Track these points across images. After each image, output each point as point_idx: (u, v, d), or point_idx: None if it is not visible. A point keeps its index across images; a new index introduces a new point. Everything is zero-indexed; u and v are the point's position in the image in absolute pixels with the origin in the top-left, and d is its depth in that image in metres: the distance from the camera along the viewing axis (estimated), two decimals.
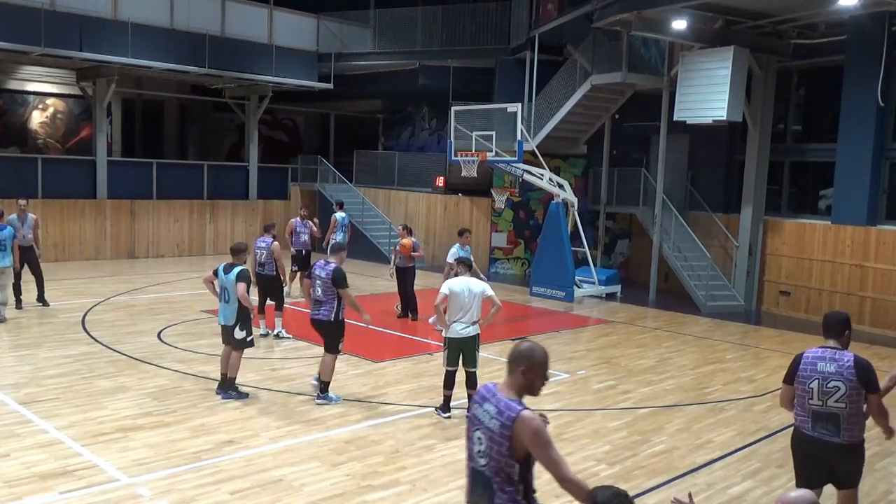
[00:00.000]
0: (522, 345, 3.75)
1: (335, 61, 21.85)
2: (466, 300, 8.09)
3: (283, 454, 7.00)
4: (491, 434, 3.60)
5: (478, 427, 3.70)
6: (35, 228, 13.05)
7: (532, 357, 3.67)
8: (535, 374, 3.68)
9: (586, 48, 17.98)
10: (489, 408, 3.66)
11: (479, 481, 3.70)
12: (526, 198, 20.03)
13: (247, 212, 22.75)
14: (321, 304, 8.53)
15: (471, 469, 3.77)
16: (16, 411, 7.83)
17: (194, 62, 19.29)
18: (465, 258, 8.83)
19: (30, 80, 22.47)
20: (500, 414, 3.59)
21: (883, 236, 14.31)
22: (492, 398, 3.69)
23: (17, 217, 12.77)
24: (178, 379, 9.24)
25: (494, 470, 3.61)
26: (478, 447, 3.69)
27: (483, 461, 3.66)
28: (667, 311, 15.76)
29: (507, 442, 3.55)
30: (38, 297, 13.28)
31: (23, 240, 12.69)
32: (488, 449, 3.62)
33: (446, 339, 8.21)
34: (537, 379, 3.70)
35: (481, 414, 3.69)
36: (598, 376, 10.34)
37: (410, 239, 13.36)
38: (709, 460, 7.36)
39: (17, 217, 12.78)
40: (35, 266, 13.05)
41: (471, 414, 3.81)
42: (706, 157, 18.16)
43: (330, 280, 8.42)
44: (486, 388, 3.80)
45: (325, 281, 8.47)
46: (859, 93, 14.29)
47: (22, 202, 13.02)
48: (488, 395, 3.73)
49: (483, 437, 3.66)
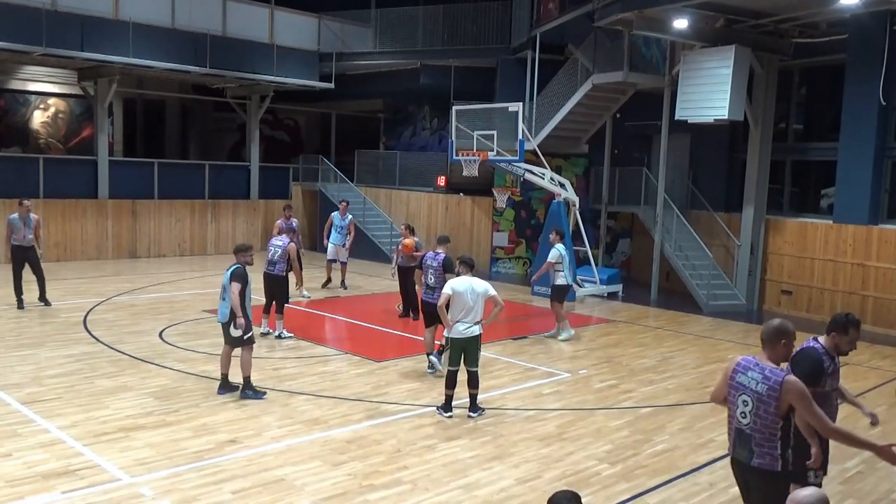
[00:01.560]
0: (775, 321, 4.57)
1: (336, 61, 21.85)
2: (470, 300, 8.11)
3: (285, 454, 7.01)
4: (759, 396, 4.39)
5: (743, 392, 4.48)
6: (37, 229, 13.07)
7: (789, 331, 4.53)
8: (791, 345, 4.59)
9: (587, 47, 17.97)
10: (754, 375, 4.45)
11: (741, 437, 4.52)
12: (527, 197, 20.03)
13: (248, 211, 22.76)
14: (434, 289, 9.80)
15: (735, 429, 4.57)
16: (18, 411, 7.84)
17: (195, 62, 19.29)
18: (468, 258, 8.82)
19: (31, 80, 22.49)
20: (767, 379, 4.39)
21: (885, 235, 14.29)
22: (755, 367, 4.48)
23: (19, 217, 12.85)
24: (179, 378, 9.25)
25: (758, 428, 4.42)
26: (742, 409, 4.49)
27: (745, 421, 4.47)
28: (668, 310, 15.76)
29: (774, 402, 4.35)
30: (40, 296, 13.30)
31: (23, 240, 12.78)
32: (755, 409, 4.42)
33: (448, 338, 8.20)
34: (791, 348, 4.63)
35: (746, 381, 4.48)
36: (599, 375, 10.34)
37: (413, 238, 13.37)
38: (711, 459, 7.35)
39: (20, 217, 12.85)
40: (36, 265, 13.06)
41: (736, 382, 4.54)
42: (708, 157, 18.15)
43: (441, 267, 9.89)
44: (746, 359, 4.58)
45: (436, 269, 9.93)
46: (861, 92, 14.28)
47: (26, 202, 13.06)
48: (750, 365, 4.51)
49: (749, 399, 4.44)
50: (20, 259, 12.88)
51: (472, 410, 8.24)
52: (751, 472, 4.51)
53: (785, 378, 4.36)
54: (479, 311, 8.19)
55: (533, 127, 18.38)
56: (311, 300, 14.96)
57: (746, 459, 4.50)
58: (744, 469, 4.59)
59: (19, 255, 12.86)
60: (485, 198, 20.23)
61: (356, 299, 15.55)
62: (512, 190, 19.29)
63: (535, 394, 9.35)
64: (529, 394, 9.33)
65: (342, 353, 10.91)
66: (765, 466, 4.45)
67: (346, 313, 14.00)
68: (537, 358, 11.11)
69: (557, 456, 7.23)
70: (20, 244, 12.80)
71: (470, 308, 8.11)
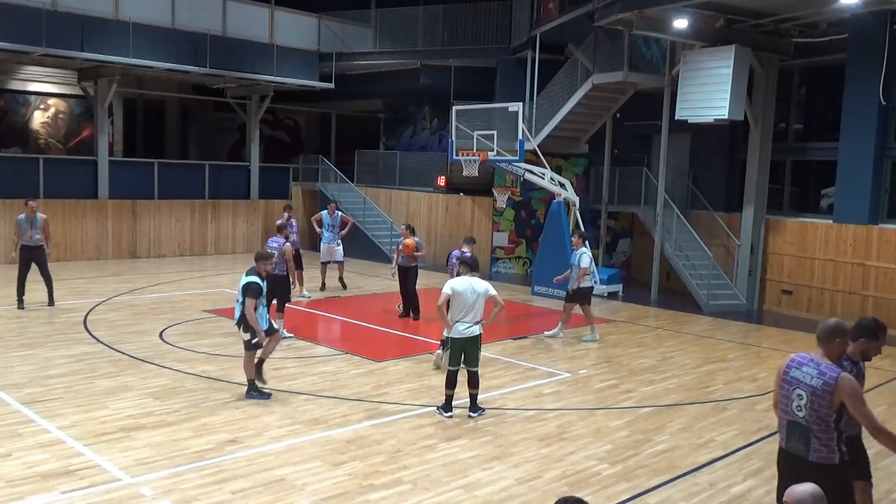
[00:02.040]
0: (832, 321, 4.80)
1: (336, 61, 21.85)
2: (470, 299, 8.11)
3: (285, 454, 7.01)
4: (814, 390, 4.59)
5: (797, 386, 4.68)
6: (45, 229, 13.18)
7: (844, 330, 4.79)
8: (846, 344, 4.83)
9: (587, 47, 17.97)
10: (809, 370, 4.66)
11: (797, 430, 4.70)
12: (527, 197, 20.03)
13: (248, 211, 22.76)
14: None
15: (788, 421, 4.76)
16: (18, 411, 7.84)
17: (195, 62, 19.30)
18: (469, 258, 8.81)
19: (31, 81, 22.50)
20: (822, 375, 4.58)
21: (885, 235, 14.29)
22: (810, 363, 4.69)
23: (25, 218, 12.96)
24: (180, 378, 9.25)
25: (814, 421, 4.59)
26: (797, 402, 4.68)
27: (801, 414, 4.65)
28: (668, 310, 15.76)
29: (828, 397, 4.53)
30: (49, 299, 13.34)
31: (30, 240, 12.90)
32: (809, 402, 4.60)
33: (449, 338, 8.20)
34: (846, 347, 4.86)
35: (801, 375, 4.69)
36: (599, 375, 10.34)
37: (413, 239, 13.38)
38: (711, 459, 7.35)
39: (26, 218, 12.96)
40: (43, 267, 13.17)
41: (790, 377, 4.74)
42: (708, 156, 18.15)
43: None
44: (800, 356, 4.79)
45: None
46: (861, 91, 14.27)
47: (32, 203, 13.19)
48: (806, 360, 4.72)
49: (804, 393, 4.64)
50: (27, 259, 12.99)
51: (473, 410, 8.24)
52: (808, 465, 4.62)
53: (840, 375, 4.56)
54: (480, 310, 8.20)
55: (533, 127, 18.38)
56: (311, 300, 14.96)
57: (803, 453, 4.66)
58: (799, 462, 4.69)
59: (26, 256, 12.97)
60: (485, 198, 20.23)
61: (356, 299, 15.55)
62: (512, 190, 19.29)
63: (535, 394, 9.35)
64: (529, 394, 9.33)
65: (342, 353, 10.91)
66: (823, 459, 4.60)
67: (346, 313, 14.00)
68: (537, 358, 11.11)
69: (557, 456, 7.23)
70: (27, 244, 12.93)
71: (470, 308, 8.11)
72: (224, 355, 10.41)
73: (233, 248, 22.39)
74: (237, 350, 10.71)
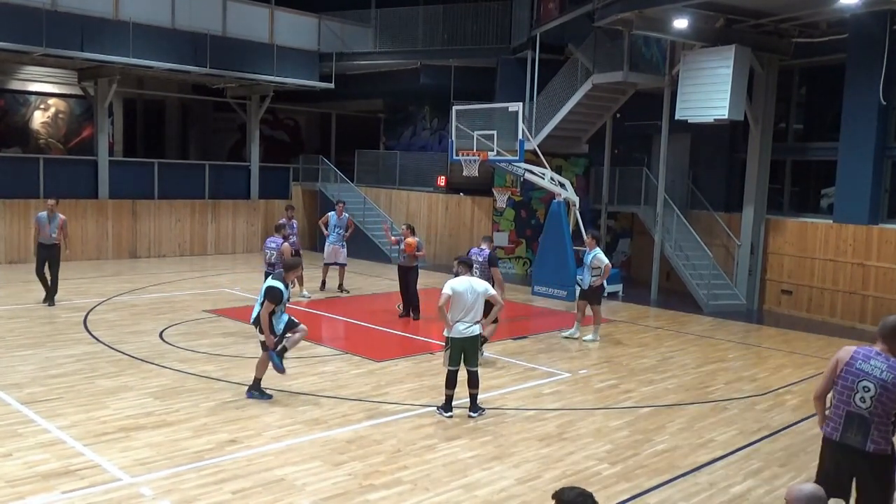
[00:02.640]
0: (892, 318, 5.05)
1: (336, 61, 21.85)
2: (469, 299, 8.12)
3: (285, 454, 7.01)
4: (883, 384, 4.81)
5: (864, 378, 4.86)
6: (62, 228, 13.52)
7: None
8: None
9: (587, 47, 17.97)
10: (878, 364, 4.86)
11: (856, 422, 4.87)
12: (527, 197, 20.02)
13: (248, 211, 22.76)
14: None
15: (847, 412, 4.90)
16: (18, 411, 7.84)
17: (195, 62, 19.30)
18: (467, 258, 8.81)
19: (31, 81, 22.49)
20: (893, 369, 4.81)
21: (885, 235, 14.29)
22: (877, 357, 4.90)
23: (45, 216, 13.35)
24: (180, 378, 9.25)
25: (877, 413, 4.81)
26: (862, 394, 4.86)
27: (864, 405, 4.84)
28: (668, 310, 15.76)
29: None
30: (50, 299, 13.50)
31: (48, 238, 13.29)
32: (877, 395, 4.81)
33: (449, 338, 8.21)
34: None
35: (869, 368, 4.87)
36: (599, 375, 10.34)
37: (415, 238, 13.40)
38: (711, 459, 7.35)
39: (47, 216, 13.35)
40: (55, 266, 13.48)
41: (855, 369, 4.90)
42: (708, 156, 18.15)
43: (486, 262, 10.70)
44: (865, 349, 4.97)
45: (482, 263, 10.64)
46: (861, 91, 14.28)
47: (51, 202, 13.56)
48: (872, 354, 4.93)
49: (871, 385, 4.83)
50: (43, 257, 13.36)
51: (473, 410, 8.24)
52: (864, 456, 4.87)
53: None
54: (479, 310, 8.21)
55: (533, 127, 18.38)
56: (311, 300, 14.96)
57: (860, 444, 4.86)
58: (854, 453, 4.89)
59: (43, 253, 13.34)
60: (485, 198, 20.23)
61: (356, 299, 15.55)
62: (512, 190, 19.29)
63: (535, 394, 9.35)
64: (529, 394, 9.33)
65: (342, 353, 10.91)
66: (879, 451, 4.85)
67: (346, 313, 14.00)
68: (537, 358, 11.11)
69: (557, 456, 7.23)
70: (44, 242, 13.31)
71: (470, 308, 8.12)
72: (224, 355, 10.41)
73: (233, 248, 22.39)
74: (237, 350, 10.75)
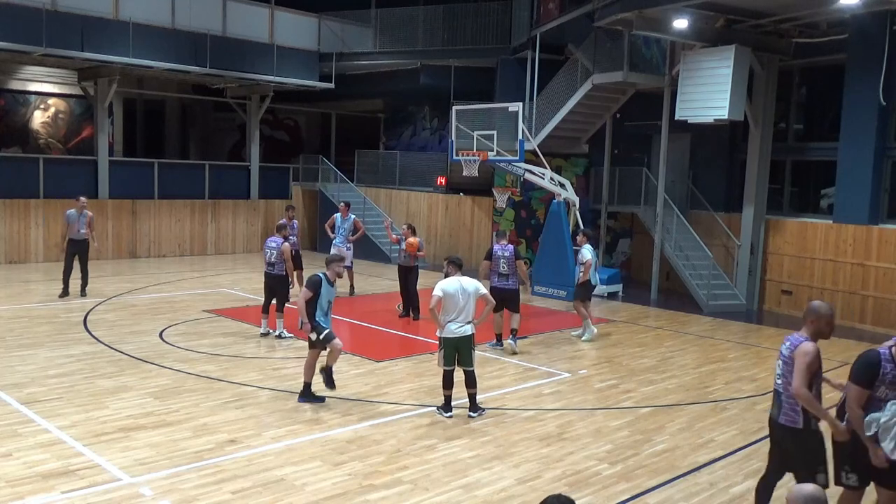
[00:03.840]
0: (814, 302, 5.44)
1: (336, 61, 21.85)
2: (461, 300, 8.08)
3: (285, 454, 7.01)
4: (784, 358, 5.28)
5: (779, 358, 5.40)
6: (90, 224, 14.42)
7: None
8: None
9: (587, 47, 17.97)
10: (785, 343, 5.39)
11: (775, 397, 5.45)
12: (527, 197, 20.02)
13: (248, 211, 22.76)
14: (507, 276, 11.21)
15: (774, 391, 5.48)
16: (18, 411, 7.84)
17: (195, 62, 19.30)
18: (456, 258, 8.69)
19: (31, 81, 22.49)
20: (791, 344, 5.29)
21: (884, 235, 14.29)
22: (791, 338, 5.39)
23: (75, 213, 14.24)
24: (180, 379, 9.25)
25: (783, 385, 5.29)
26: (777, 371, 5.41)
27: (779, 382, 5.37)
28: (668, 310, 15.76)
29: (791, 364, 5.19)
30: (82, 291, 14.36)
31: (77, 234, 14.23)
32: (783, 370, 5.29)
33: (441, 339, 8.17)
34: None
35: (783, 349, 5.39)
36: (599, 375, 10.34)
37: (416, 238, 13.41)
38: (711, 459, 7.36)
39: (77, 212, 14.23)
40: (84, 260, 14.41)
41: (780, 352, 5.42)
42: (708, 157, 18.14)
43: (512, 256, 11.16)
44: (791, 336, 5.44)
45: (508, 259, 11.15)
46: (861, 91, 14.27)
47: (82, 200, 14.47)
48: (790, 337, 5.41)
49: (780, 362, 5.34)
50: (72, 252, 14.25)
51: (472, 410, 8.23)
52: (779, 427, 5.35)
53: (801, 342, 5.16)
54: (471, 310, 8.18)
55: (533, 127, 18.37)
56: None
57: (776, 416, 5.37)
58: (773, 426, 5.45)
59: (72, 248, 14.25)
60: (485, 198, 20.23)
61: (356, 299, 15.55)
62: (512, 190, 19.28)
63: (535, 394, 9.35)
64: (529, 394, 9.33)
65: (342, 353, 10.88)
66: (789, 422, 5.25)
67: (346, 313, 13.99)
68: (537, 358, 11.11)
69: (557, 456, 7.23)
70: (74, 238, 14.23)
71: (461, 308, 8.07)
72: (224, 355, 10.41)
73: (233, 248, 22.39)
74: (237, 350, 10.75)
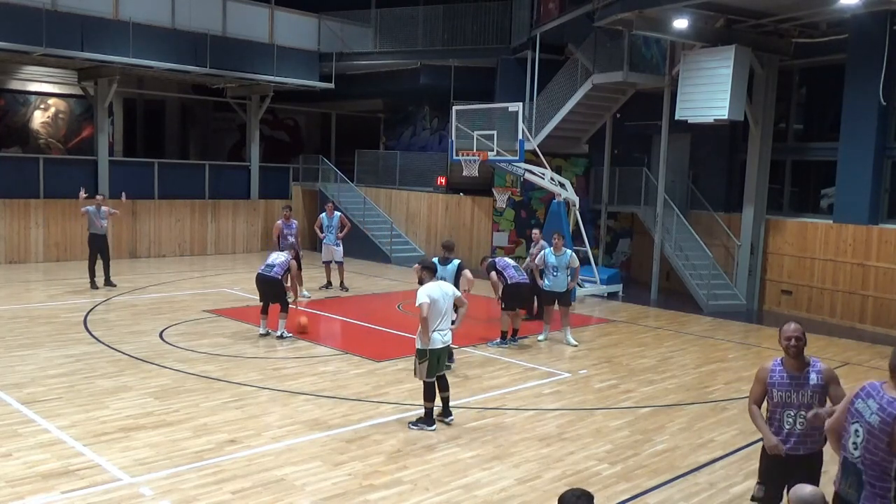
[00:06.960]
0: None
1: (336, 61, 21.85)
2: (444, 306, 7.90)
3: (285, 454, 7.00)
4: (870, 429, 3.78)
5: (857, 420, 3.88)
6: (110, 215, 15.31)
7: None
8: None
9: (587, 47, 17.97)
10: (872, 404, 3.82)
11: (851, 472, 3.90)
12: (527, 197, 20.02)
13: (248, 211, 22.76)
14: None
15: (843, 459, 3.98)
16: (18, 411, 7.84)
17: (195, 62, 19.30)
18: (431, 263, 8.50)
19: (31, 80, 22.48)
20: (882, 410, 3.74)
21: (885, 235, 14.29)
22: (876, 395, 3.84)
23: (95, 209, 14.89)
24: (180, 379, 9.24)
25: (869, 464, 3.79)
26: (853, 439, 3.88)
27: (857, 454, 3.85)
28: (668, 310, 15.75)
29: (886, 438, 3.70)
30: (106, 280, 15.22)
31: (100, 229, 14.98)
32: (865, 442, 3.80)
33: (427, 350, 7.74)
34: None
35: (863, 409, 3.86)
36: (599, 375, 10.34)
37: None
38: (710, 459, 7.36)
39: (96, 208, 14.89)
40: (104, 252, 15.19)
41: (853, 408, 3.93)
42: (708, 157, 18.14)
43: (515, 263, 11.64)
44: (871, 385, 3.93)
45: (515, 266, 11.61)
46: (861, 92, 14.26)
47: (101, 196, 15.40)
48: (873, 392, 3.87)
49: (861, 430, 3.83)
50: (95, 246, 15.03)
51: (447, 415, 8.02)
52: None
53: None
54: (450, 314, 8.09)
55: (533, 127, 18.37)
56: (312, 300, 14.96)
57: (854, 499, 3.93)
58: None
59: (94, 243, 15.04)
60: (485, 198, 20.23)
61: (356, 299, 15.55)
62: (512, 190, 19.29)
63: (535, 394, 9.35)
64: (529, 394, 9.33)
65: (342, 353, 10.91)
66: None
67: (346, 313, 14.00)
68: (537, 358, 11.11)
69: (557, 456, 7.23)
70: (96, 233, 14.99)
71: (445, 314, 7.91)
72: (224, 355, 10.41)
73: (233, 248, 22.39)
74: (237, 350, 10.75)
